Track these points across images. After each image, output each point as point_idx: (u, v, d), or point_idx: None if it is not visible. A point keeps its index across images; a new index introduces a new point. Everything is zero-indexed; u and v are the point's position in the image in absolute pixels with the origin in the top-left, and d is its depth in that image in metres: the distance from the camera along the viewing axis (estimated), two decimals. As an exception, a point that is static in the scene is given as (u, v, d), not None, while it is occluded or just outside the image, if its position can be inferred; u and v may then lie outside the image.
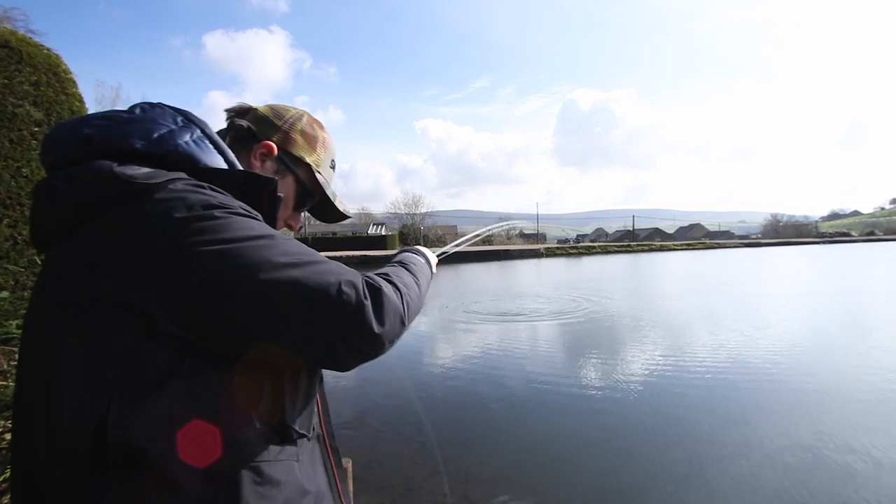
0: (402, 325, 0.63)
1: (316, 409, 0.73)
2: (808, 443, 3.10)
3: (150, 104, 0.65)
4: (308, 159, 0.82)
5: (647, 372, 4.79)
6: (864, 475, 2.68)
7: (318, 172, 0.83)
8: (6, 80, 2.84)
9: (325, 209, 0.89)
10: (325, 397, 0.79)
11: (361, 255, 28.55)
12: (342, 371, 0.64)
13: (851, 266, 18.95)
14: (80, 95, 3.31)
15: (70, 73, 3.30)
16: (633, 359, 5.35)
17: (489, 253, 31.72)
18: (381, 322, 0.58)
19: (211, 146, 0.66)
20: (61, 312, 0.52)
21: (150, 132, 0.60)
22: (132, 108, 0.64)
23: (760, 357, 5.22)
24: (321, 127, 0.86)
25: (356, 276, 0.60)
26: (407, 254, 0.89)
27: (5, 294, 2.51)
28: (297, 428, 0.61)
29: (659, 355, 5.45)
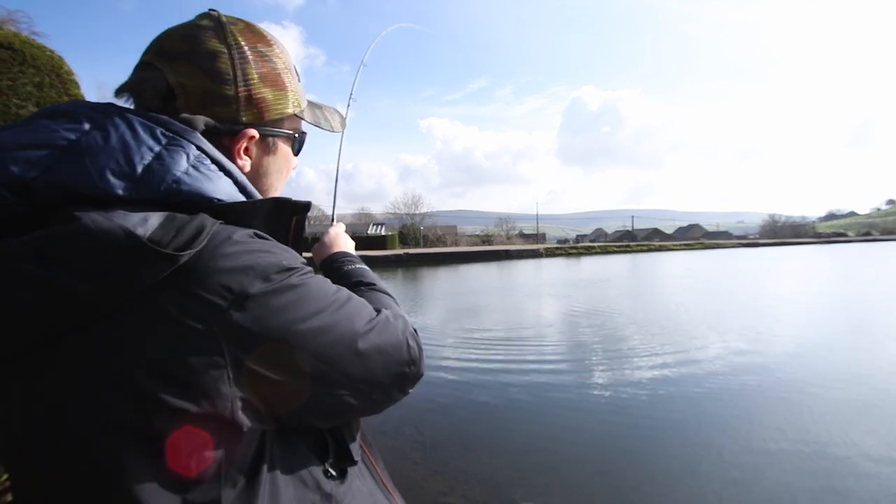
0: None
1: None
2: (810, 444, 3.11)
3: (100, 112, 0.43)
4: (289, 109, 0.58)
5: (648, 372, 4.80)
6: (867, 476, 2.69)
7: (303, 111, 0.62)
8: (10, 82, 2.86)
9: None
10: None
11: (361, 256, 28.40)
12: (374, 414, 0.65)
13: (848, 265, 18.98)
14: (82, 97, 3.33)
15: (72, 74, 3.32)
16: (633, 359, 5.35)
17: (489, 253, 31.74)
18: (422, 363, 0.60)
19: (214, 167, 0.46)
20: (111, 435, 0.39)
21: (129, 165, 0.40)
22: (66, 117, 0.42)
23: (763, 358, 5.24)
24: (262, 38, 0.55)
25: (409, 323, 0.60)
26: (373, 273, 0.79)
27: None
28: (355, 457, 0.62)
29: (660, 356, 5.45)
